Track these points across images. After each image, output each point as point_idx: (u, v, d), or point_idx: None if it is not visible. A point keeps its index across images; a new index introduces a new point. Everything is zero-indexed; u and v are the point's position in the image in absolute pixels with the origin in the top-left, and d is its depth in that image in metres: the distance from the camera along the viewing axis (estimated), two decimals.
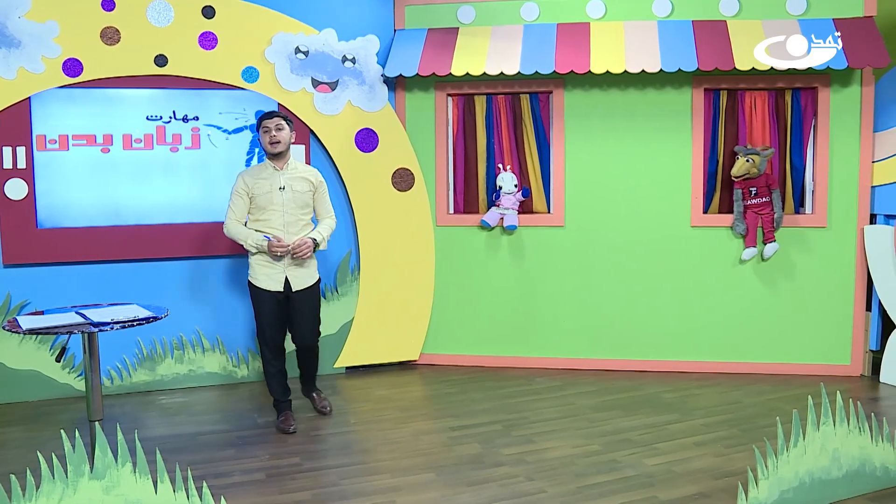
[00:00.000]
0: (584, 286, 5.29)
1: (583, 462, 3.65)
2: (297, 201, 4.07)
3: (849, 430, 3.22)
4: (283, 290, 4.08)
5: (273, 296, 4.08)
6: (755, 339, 5.15)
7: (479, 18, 5.22)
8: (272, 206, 4.02)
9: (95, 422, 3.01)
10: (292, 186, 4.06)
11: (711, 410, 4.40)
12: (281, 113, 4.16)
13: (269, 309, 4.09)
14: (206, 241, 4.90)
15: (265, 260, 4.06)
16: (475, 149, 5.43)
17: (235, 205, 4.07)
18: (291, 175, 4.09)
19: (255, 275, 4.09)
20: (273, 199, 4.02)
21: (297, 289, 4.11)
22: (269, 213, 4.03)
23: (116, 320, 3.05)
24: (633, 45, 4.92)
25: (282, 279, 4.07)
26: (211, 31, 4.80)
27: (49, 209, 4.65)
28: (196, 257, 4.93)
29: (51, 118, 4.60)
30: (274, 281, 4.07)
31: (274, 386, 4.25)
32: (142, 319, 3.11)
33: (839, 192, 5.01)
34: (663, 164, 5.15)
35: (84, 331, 2.96)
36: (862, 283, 5.03)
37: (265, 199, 4.02)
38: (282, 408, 4.28)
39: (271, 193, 4.02)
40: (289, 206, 4.04)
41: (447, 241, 5.39)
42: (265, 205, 4.02)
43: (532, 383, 5.01)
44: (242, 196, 4.05)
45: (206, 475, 3.55)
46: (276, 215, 4.03)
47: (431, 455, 3.79)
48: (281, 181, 4.04)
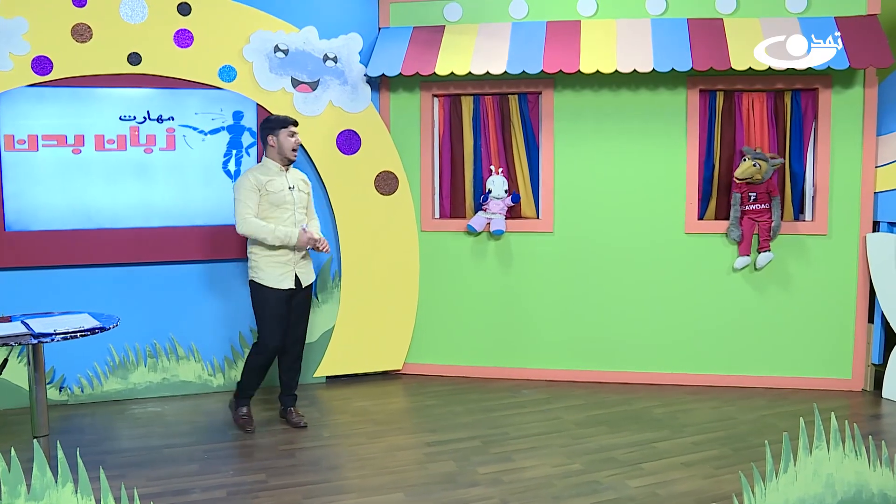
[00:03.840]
0: (574, 294, 5.09)
1: (561, 483, 3.45)
2: (301, 201, 4.16)
3: (844, 454, 3.01)
4: (295, 286, 4.09)
5: (283, 294, 4.06)
6: (751, 352, 4.94)
7: (466, 16, 5.04)
8: (285, 204, 4.04)
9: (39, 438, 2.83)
10: (298, 187, 4.15)
11: (703, 427, 4.19)
12: None
13: (280, 310, 4.06)
14: (182, 246, 4.73)
15: (276, 259, 4.03)
16: (462, 151, 5.24)
17: (250, 199, 3.99)
18: (294, 177, 4.17)
19: (265, 275, 4.05)
20: (286, 197, 4.05)
21: (306, 284, 4.18)
22: (282, 210, 4.04)
23: (59, 331, 2.88)
24: (625, 44, 4.72)
25: (292, 276, 4.09)
26: (187, 29, 4.64)
27: (18, 212, 4.49)
28: (171, 262, 4.76)
29: (20, 117, 4.45)
30: (285, 279, 4.06)
31: (254, 381, 4.22)
32: (86, 330, 2.93)
33: (840, 199, 4.79)
34: (657, 168, 4.95)
35: (23, 342, 2.79)
36: (864, 294, 4.81)
37: (279, 197, 4.02)
38: (244, 403, 4.27)
39: (283, 192, 4.05)
40: (298, 205, 4.12)
41: (432, 246, 5.20)
42: (279, 202, 4.03)
43: (517, 396, 4.81)
44: (255, 192, 4.01)
45: (164, 492, 3.38)
46: (287, 213, 4.05)
47: (403, 473, 3.59)
48: (289, 181, 4.10)
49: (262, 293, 4.04)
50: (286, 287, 4.05)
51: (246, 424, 4.19)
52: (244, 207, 3.97)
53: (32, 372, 2.97)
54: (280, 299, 4.04)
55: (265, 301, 4.04)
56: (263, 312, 4.05)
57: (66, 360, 4.62)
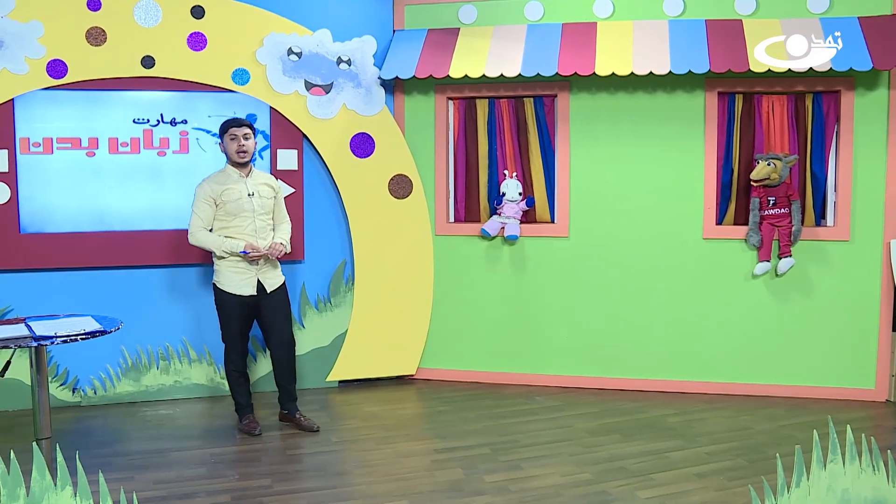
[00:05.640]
0: (589, 300, 5.01)
1: (569, 493, 3.38)
2: (264, 207, 4.08)
3: (861, 469, 2.90)
4: (257, 293, 4.05)
5: (243, 300, 4.04)
6: (771, 360, 4.82)
7: (481, 18, 4.99)
8: (243, 213, 4.01)
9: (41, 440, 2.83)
10: (259, 193, 4.07)
11: (717, 437, 4.09)
12: (248, 121, 4.13)
13: (238, 313, 4.07)
14: (194, 249, 4.66)
15: (235, 265, 4.01)
16: (476, 155, 5.19)
17: (203, 211, 4.00)
18: (256, 181, 4.10)
19: (224, 280, 4.04)
20: (244, 205, 4.00)
21: (271, 289, 4.10)
22: (241, 219, 4.01)
23: (59, 334, 2.88)
24: (642, 46, 4.64)
25: (254, 282, 4.05)
26: (200, 32, 4.64)
27: (32, 214, 4.52)
28: (183, 265, 4.76)
29: (35, 120, 4.48)
30: (245, 285, 4.04)
31: (238, 390, 4.23)
32: (87, 334, 2.93)
33: (863, 204, 4.66)
34: (674, 173, 4.85)
35: (24, 345, 2.79)
36: (888, 301, 4.67)
37: (236, 206, 3.99)
38: (245, 411, 4.25)
39: (241, 200, 4.00)
40: (258, 212, 4.05)
41: (446, 251, 5.16)
42: (236, 211, 4.00)
43: (530, 402, 4.74)
44: (210, 203, 4.00)
45: (169, 496, 3.38)
46: (247, 221, 4.02)
47: (409, 480, 3.55)
48: (249, 187, 4.03)
49: (221, 297, 4.06)
50: (247, 293, 4.03)
51: (251, 429, 4.16)
52: (195, 219, 4.01)
53: (35, 374, 2.97)
54: (240, 304, 4.03)
55: (223, 305, 4.06)
56: (222, 316, 4.08)
57: (80, 362, 4.65)
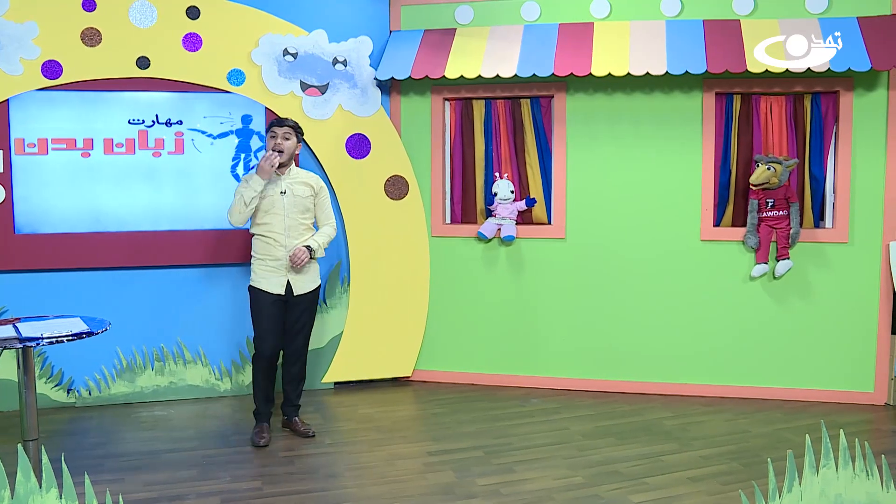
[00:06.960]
0: (586, 302, 4.98)
1: (561, 497, 3.35)
2: (297, 206, 4.03)
3: (854, 474, 2.87)
4: (285, 293, 4.02)
5: (274, 299, 4.01)
6: (769, 363, 4.79)
7: (477, 19, 4.97)
8: (274, 210, 3.99)
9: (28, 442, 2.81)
10: (293, 191, 4.03)
11: (714, 440, 4.06)
12: (293, 122, 4.10)
13: (269, 312, 4.02)
14: (190, 250, 4.73)
15: (268, 264, 4.01)
16: (473, 156, 5.17)
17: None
18: (293, 180, 4.06)
19: (258, 278, 4.05)
20: (275, 202, 3.99)
21: (299, 293, 4.06)
22: (272, 216, 3.99)
23: (46, 336, 2.87)
24: (639, 47, 4.61)
25: (284, 282, 4.02)
26: (195, 33, 4.64)
27: (27, 215, 4.52)
28: (178, 266, 4.75)
29: (29, 121, 4.48)
30: (276, 284, 4.02)
31: (259, 395, 4.14)
32: (74, 335, 2.92)
33: (862, 205, 4.62)
34: (671, 174, 4.82)
35: (9, 346, 2.78)
36: (887, 304, 4.63)
37: (268, 203, 3.99)
38: (260, 419, 4.17)
39: (273, 197, 3.98)
40: (290, 210, 4.00)
41: (443, 252, 5.14)
42: (268, 208, 3.99)
43: (527, 404, 4.71)
44: None
45: (160, 498, 3.36)
46: (277, 219, 3.99)
47: (400, 483, 3.53)
48: (282, 185, 4.01)
49: (255, 295, 4.04)
50: (275, 292, 4.01)
51: (257, 439, 4.05)
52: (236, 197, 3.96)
53: (22, 375, 2.96)
54: (270, 303, 4.01)
55: (256, 303, 4.04)
56: (255, 316, 4.05)
57: (75, 363, 4.64)
